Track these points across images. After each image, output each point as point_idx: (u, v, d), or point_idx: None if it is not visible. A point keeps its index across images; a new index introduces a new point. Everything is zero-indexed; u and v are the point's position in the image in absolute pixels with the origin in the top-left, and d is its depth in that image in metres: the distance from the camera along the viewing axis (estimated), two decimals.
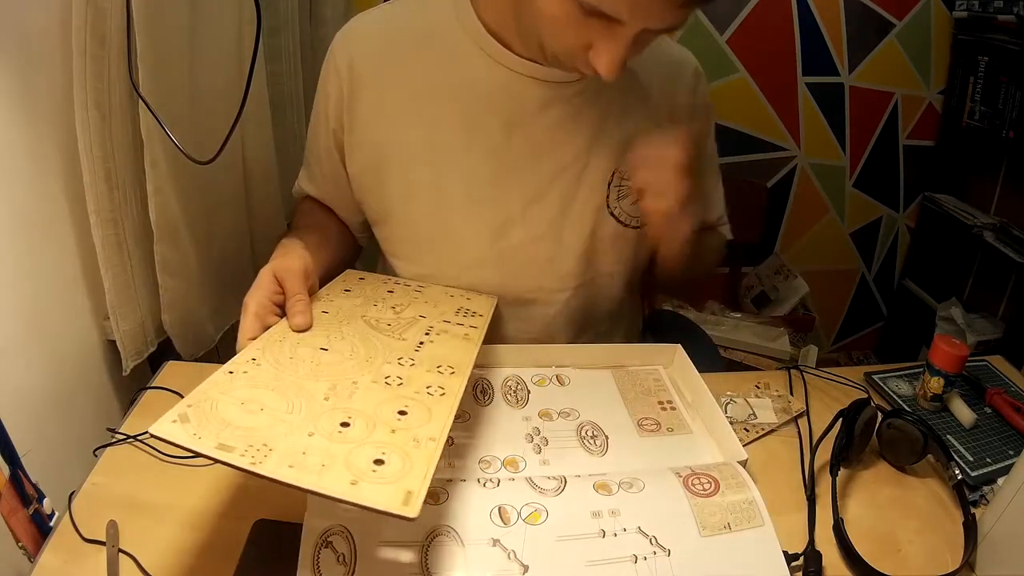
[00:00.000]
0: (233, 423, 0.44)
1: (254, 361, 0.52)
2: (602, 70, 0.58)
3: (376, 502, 0.39)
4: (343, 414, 0.47)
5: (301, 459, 0.42)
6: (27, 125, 0.67)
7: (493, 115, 0.71)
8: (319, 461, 0.42)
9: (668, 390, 0.76)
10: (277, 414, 0.46)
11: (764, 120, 1.86)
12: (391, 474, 0.42)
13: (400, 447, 0.44)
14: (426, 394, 0.52)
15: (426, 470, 0.42)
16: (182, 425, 0.43)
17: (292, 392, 0.49)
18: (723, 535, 0.52)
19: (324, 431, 0.45)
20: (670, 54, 0.78)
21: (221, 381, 0.49)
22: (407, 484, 0.41)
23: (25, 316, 0.68)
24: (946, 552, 0.59)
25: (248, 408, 0.46)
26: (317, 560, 0.47)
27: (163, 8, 0.77)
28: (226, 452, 0.41)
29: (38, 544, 0.56)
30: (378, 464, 0.42)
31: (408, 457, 0.43)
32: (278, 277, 0.60)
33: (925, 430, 0.65)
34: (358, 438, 0.45)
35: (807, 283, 1.92)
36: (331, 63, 0.74)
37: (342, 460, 0.42)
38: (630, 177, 0.67)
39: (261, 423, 0.45)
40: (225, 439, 0.42)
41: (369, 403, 0.49)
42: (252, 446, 0.42)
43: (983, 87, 1.74)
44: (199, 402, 0.46)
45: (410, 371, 0.55)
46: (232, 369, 0.50)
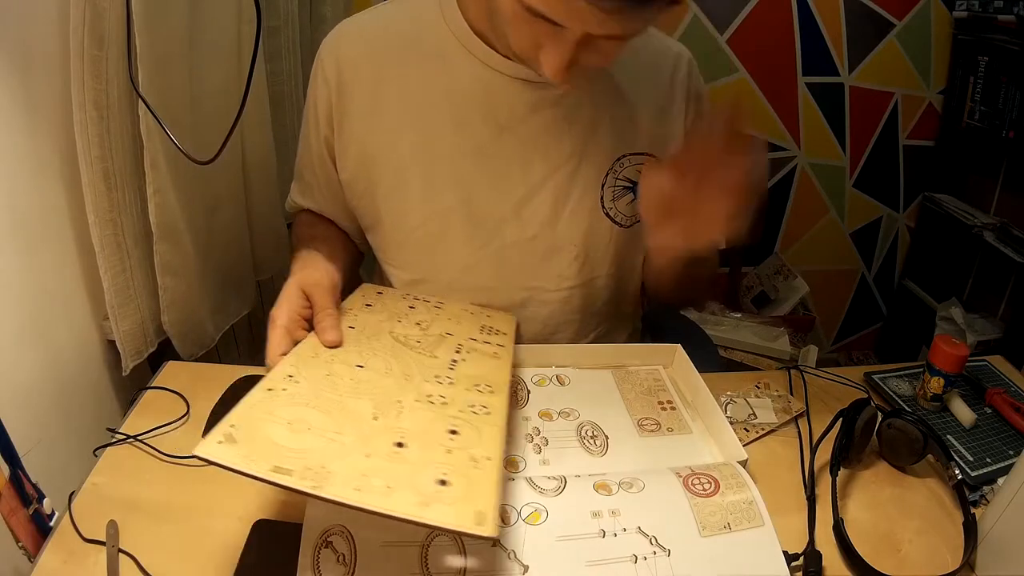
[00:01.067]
0: (284, 444, 0.43)
1: (291, 378, 0.51)
2: (547, 72, 0.57)
3: (450, 523, 0.40)
4: (396, 434, 0.47)
5: (365, 481, 0.42)
6: (26, 125, 0.67)
7: (482, 117, 0.71)
8: (383, 483, 0.42)
9: (668, 390, 0.76)
10: (327, 434, 0.46)
11: (764, 120, 1.86)
12: (458, 494, 0.42)
13: (460, 467, 0.45)
14: (471, 413, 0.52)
15: (492, 489, 0.43)
16: (229, 446, 0.42)
17: (336, 411, 0.49)
18: (723, 535, 0.52)
19: (381, 452, 0.45)
20: (659, 48, 0.77)
21: (262, 399, 0.48)
22: (476, 504, 0.41)
23: (25, 316, 0.68)
24: (946, 552, 0.59)
25: (295, 428, 0.46)
26: (317, 560, 0.47)
27: (163, 8, 0.77)
28: (284, 475, 0.41)
29: (38, 544, 0.56)
30: (442, 484, 0.43)
31: (469, 477, 0.44)
32: (305, 291, 0.60)
33: (925, 430, 0.65)
34: (416, 459, 0.45)
35: (807, 283, 1.92)
36: (319, 69, 0.74)
37: (406, 482, 0.42)
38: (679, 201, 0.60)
39: (313, 444, 0.44)
40: (280, 461, 0.42)
41: (418, 423, 0.49)
42: (310, 468, 0.41)
43: (983, 87, 1.74)
44: (243, 422, 0.45)
45: (450, 390, 0.55)
46: (271, 387, 0.49)
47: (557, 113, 0.72)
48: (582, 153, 0.73)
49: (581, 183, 0.74)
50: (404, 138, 0.72)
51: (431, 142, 0.72)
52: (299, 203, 0.84)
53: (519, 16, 0.55)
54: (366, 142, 0.74)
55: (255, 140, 1.09)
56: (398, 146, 0.73)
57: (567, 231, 0.76)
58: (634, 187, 0.76)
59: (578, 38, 0.54)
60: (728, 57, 1.77)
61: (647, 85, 0.75)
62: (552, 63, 0.56)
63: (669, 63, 0.77)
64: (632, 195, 0.77)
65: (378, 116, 0.73)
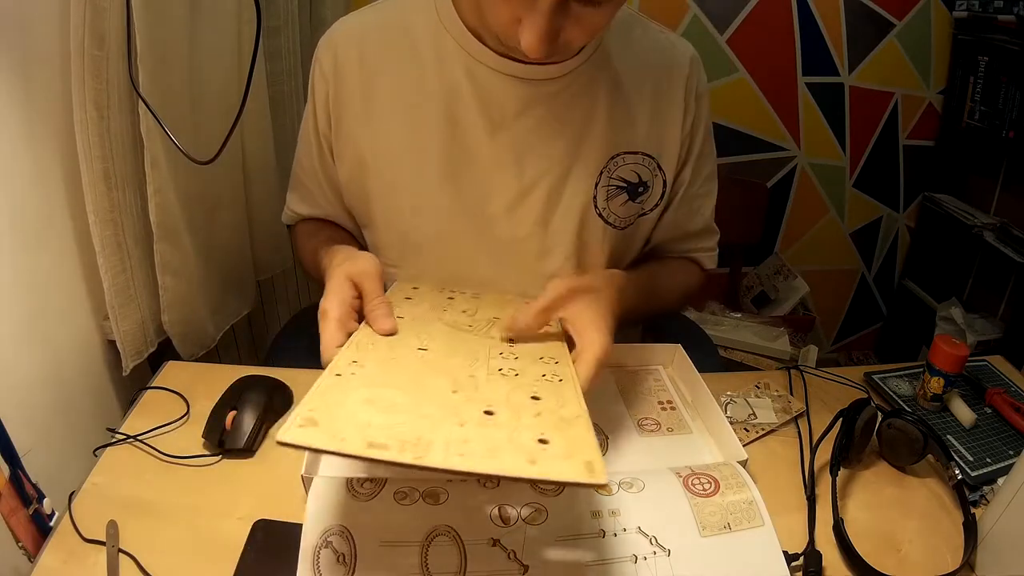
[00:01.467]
0: (371, 421, 0.42)
1: (356, 363, 0.49)
2: (526, 47, 0.56)
3: (564, 475, 0.39)
4: (482, 404, 0.46)
5: (466, 447, 0.41)
6: (26, 125, 0.67)
7: (475, 115, 0.70)
8: (485, 447, 0.41)
9: (668, 390, 0.76)
10: (412, 408, 0.44)
11: (764, 120, 1.86)
12: (561, 450, 0.41)
13: (554, 426, 0.44)
14: (545, 381, 0.51)
15: (592, 441, 0.42)
16: (313, 429, 0.40)
17: (413, 388, 0.47)
18: (723, 535, 0.52)
19: (472, 420, 0.44)
20: (663, 45, 0.76)
21: (333, 384, 0.46)
22: (583, 456, 0.41)
23: (25, 316, 0.68)
24: (946, 552, 0.59)
25: (378, 406, 0.44)
26: (317, 560, 0.47)
27: (163, 8, 0.77)
28: (381, 450, 0.39)
29: (38, 544, 0.56)
30: (543, 443, 0.42)
31: (566, 434, 0.43)
32: (354, 280, 0.58)
33: (925, 430, 0.65)
34: (508, 423, 0.44)
35: (807, 283, 1.91)
36: (317, 68, 0.74)
37: (506, 444, 0.42)
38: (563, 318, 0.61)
39: (401, 419, 0.43)
40: (373, 437, 0.40)
41: (499, 393, 0.48)
42: (407, 441, 0.40)
43: (983, 87, 1.74)
44: (320, 405, 0.43)
45: (518, 363, 0.54)
46: (338, 372, 0.48)
47: (551, 111, 0.71)
48: (575, 152, 0.73)
49: (573, 182, 0.74)
50: (397, 135, 0.72)
51: (424, 139, 0.72)
52: (298, 212, 0.84)
53: None
54: (360, 139, 0.74)
55: (255, 140, 1.09)
56: (392, 143, 0.73)
57: (559, 231, 0.75)
58: (628, 187, 0.76)
59: (552, 6, 0.53)
60: (728, 57, 1.77)
61: (647, 82, 0.74)
62: (529, 35, 0.55)
63: (671, 60, 0.75)
64: (626, 196, 0.76)
65: (372, 113, 0.72)
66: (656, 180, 0.77)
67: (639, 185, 0.76)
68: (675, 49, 0.76)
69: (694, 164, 0.79)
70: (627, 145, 0.74)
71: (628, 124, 0.74)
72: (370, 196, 0.76)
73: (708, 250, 0.88)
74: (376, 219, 0.78)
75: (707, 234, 0.87)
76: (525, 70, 0.68)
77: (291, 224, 0.88)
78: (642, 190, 0.77)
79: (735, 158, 1.87)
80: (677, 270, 0.87)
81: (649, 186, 0.77)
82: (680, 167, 0.79)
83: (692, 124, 0.77)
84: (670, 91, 0.75)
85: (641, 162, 0.75)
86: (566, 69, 0.70)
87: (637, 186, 0.76)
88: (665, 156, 0.77)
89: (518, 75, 0.69)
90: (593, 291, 0.62)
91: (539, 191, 0.73)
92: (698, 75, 0.77)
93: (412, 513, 0.50)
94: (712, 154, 0.83)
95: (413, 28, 0.71)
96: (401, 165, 0.73)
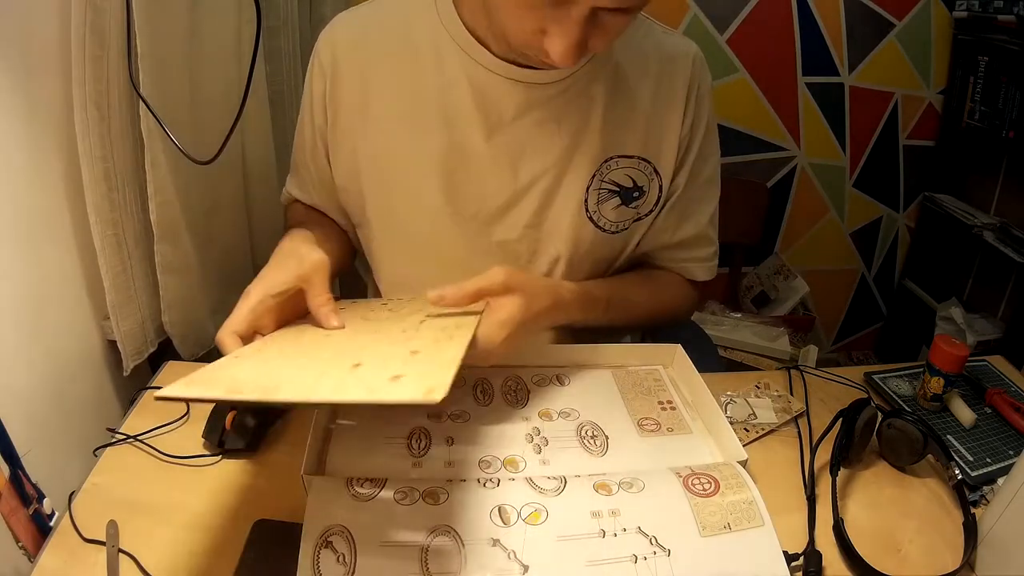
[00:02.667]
0: (238, 376, 0.45)
1: (257, 350, 0.53)
2: (556, 57, 0.56)
3: (397, 397, 0.39)
4: (354, 359, 0.47)
5: (315, 384, 0.43)
6: (27, 125, 0.67)
7: (472, 117, 0.70)
8: (333, 384, 0.42)
9: (668, 390, 0.76)
10: (285, 365, 0.48)
11: (764, 120, 1.86)
12: (411, 382, 0.41)
13: (417, 369, 0.44)
14: (433, 342, 0.52)
15: (449, 373, 0.41)
16: (188, 385, 0.43)
17: (301, 356, 0.51)
18: (723, 535, 0.52)
19: (336, 370, 0.45)
20: (666, 45, 0.74)
21: (227, 362, 0.50)
22: (427, 383, 0.40)
23: (25, 316, 0.68)
24: (946, 552, 0.59)
25: (252, 365, 0.48)
26: (317, 560, 0.47)
27: (163, 8, 0.77)
28: (236, 393, 0.42)
29: (38, 544, 0.56)
30: (395, 379, 0.42)
31: (425, 373, 0.43)
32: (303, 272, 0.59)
33: (925, 430, 0.65)
34: (372, 371, 0.45)
35: (807, 283, 1.92)
36: (315, 62, 0.74)
37: (357, 382, 0.43)
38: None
39: (267, 371, 0.46)
40: (233, 385, 0.43)
41: (377, 351, 0.50)
42: (262, 386, 0.43)
43: (983, 87, 1.74)
44: (204, 372, 0.46)
45: (417, 333, 0.55)
46: (238, 354, 0.51)
47: (548, 114, 0.70)
48: (571, 155, 0.72)
49: (567, 185, 0.73)
50: (394, 133, 0.72)
51: (421, 138, 0.71)
52: (294, 195, 0.84)
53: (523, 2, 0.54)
54: (357, 136, 0.73)
55: (255, 140, 1.09)
56: (388, 141, 0.72)
57: (551, 234, 0.75)
58: (621, 191, 0.75)
59: (585, 15, 0.54)
60: (728, 57, 1.77)
61: (647, 84, 0.73)
62: (559, 45, 0.55)
63: (673, 60, 0.74)
64: (619, 200, 0.75)
65: (369, 110, 0.72)
66: (652, 185, 0.76)
67: (633, 190, 0.75)
68: (678, 49, 0.75)
69: (690, 167, 0.77)
70: (622, 148, 0.74)
71: (625, 127, 0.73)
72: (365, 194, 0.76)
73: (700, 260, 0.83)
74: (371, 217, 0.78)
75: (700, 242, 0.82)
76: (524, 74, 0.68)
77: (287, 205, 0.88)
78: (637, 195, 0.76)
79: (735, 158, 1.87)
80: (659, 286, 0.84)
81: (645, 191, 0.76)
82: (676, 170, 0.77)
83: (691, 125, 0.75)
84: (670, 92, 0.74)
85: (636, 166, 0.74)
86: (564, 73, 0.69)
87: (631, 190, 0.75)
88: (662, 160, 0.75)
89: (517, 78, 0.68)
90: (526, 295, 0.62)
91: (533, 193, 0.73)
92: (701, 75, 0.75)
93: (412, 513, 0.50)
94: (713, 157, 0.80)
95: (413, 27, 0.71)
96: (397, 163, 0.73)
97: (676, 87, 0.74)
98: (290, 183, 0.85)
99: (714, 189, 0.82)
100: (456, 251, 0.76)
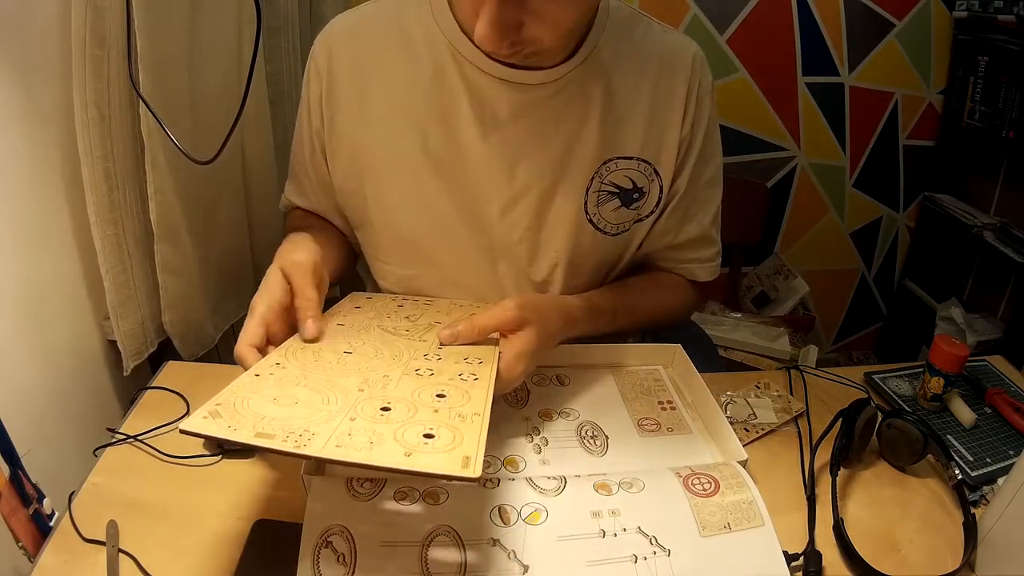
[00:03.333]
0: (269, 415, 0.44)
1: (279, 365, 0.52)
2: (477, 37, 0.56)
3: (434, 468, 0.40)
4: (382, 401, 0.48)
5: (347, 439, 0.42)
6: (27, 125, 0.67)
7: (468, 119, 0.70)
8: (367, 439, 0.42)
9: (668, 390, 0.76)
10: (314, 405, 0.46)
11: (764, 120, 1.86)
12: (444, 445, 0.42)
13: (447, 423, 0.45)
14: (459, 380, 0.53)
15: (478, 438, 0.43)
16: (214, 420, 0.42)
17: (324, 387, 0.49)
18: (723, 535, 0.52)
19: (366, 415, 0.45)
20: (666, 44, 0.74)
21: (248, 383, 0.48)
22: (463, 451, 0.41)
23: (25, 316, 0.68)
24: (946, 552, 0.59)
25: (282, 403, 0.46)
26: (317, 560, 0.47)
27: (163, 8, 0.77)
28: (266, 439, 0.41)
29: (38, 544, 0.56)
30: (428, 438, 0.43)
31: (457, 430, 0.44)
32: (286, 273, 0.58)
33: (925, 430, 0.65)
34: (402, 419, 0.45)
35: (807, 283, 1.92)
36: (311, 64, 0.74)
37: (391, 437, 0.43)
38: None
39: (298, 413, 0.45)
40: (263, 428, 0.42)
41: (405, 391, 0.50)
42: (293, 432, 0.42)
43: (983, 87, 1.74)
44: (228, 400, 0.45)
45: (438, 364, 0.56)
46: (258, 372, 0.50)
47: (543, 116, 0.70)
48: (568, 157, 0.72)
49: (565, 188, 0.73)
50: (392, 133, 0.72)
51: (418, 138, 0.71)
52: (293, 201, 0.84)
53: None
54: (355, 137, 0.73)
55: (255, 140, 1.09)
56: (385, 144, 0.72)
57: (550, 236, 0.75)
58: (621, 193, 0.74)
59: None
60: (728, 57, 1.77)
61: (646, 84, 0.72)
62: (481, 25, 0.55)
63: (673, 60, 0.73)
64: (619, 201, 0.75)
65: (366, 110, 0.72)
66: (652, 186, 0.76)
67: (633, 191, 0.75)
68: (678, 48, 0.74)
69: (692, 168, 0.77)
70: (621, 150, 0.73)
71: (623, 128, 0.72)
72: (364, 195, 0.75)
73: (702, 261, 0.83)
74: (370, 219, 0.77)
75: (703, 243, 0.82)
76: (515, 74, 0.68)
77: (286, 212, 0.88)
78: (637, 196, 0.75)
79: (735, 158, 1.87)
80: (662, 290, 0.84)
81: (645, 192, 0.76)
82: (677, 171, 0.76)
83: (692, 126, 0.75)
84: (670, 92, 0.73)
85: (636, 167, 0.74)
86: (557, 74, 0.69)
87: (631, 192, 0.75)
88: (662, 161, 0.75)
89: (507, 78, 0.68)
90: (539, 323, 0.63)
91: (531, 195, 0.72)
92: (701, 74, 0.75)
93: (412, 513, 0.50)
94: (715, 158, 0.80)
95: (408, 26, 0.70)
96: (395, 164, 0.72)
97: (676, 87, 0.73)
98: (288, 189, 0.85)
99: (716, 190, 0.81)
100: (456, 252, 0.75)
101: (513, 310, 0.62)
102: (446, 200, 0.73)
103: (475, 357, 0.58)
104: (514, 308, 0.62)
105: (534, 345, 0.61)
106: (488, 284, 0.77)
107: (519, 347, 0.61)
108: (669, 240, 0.81)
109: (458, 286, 0.78)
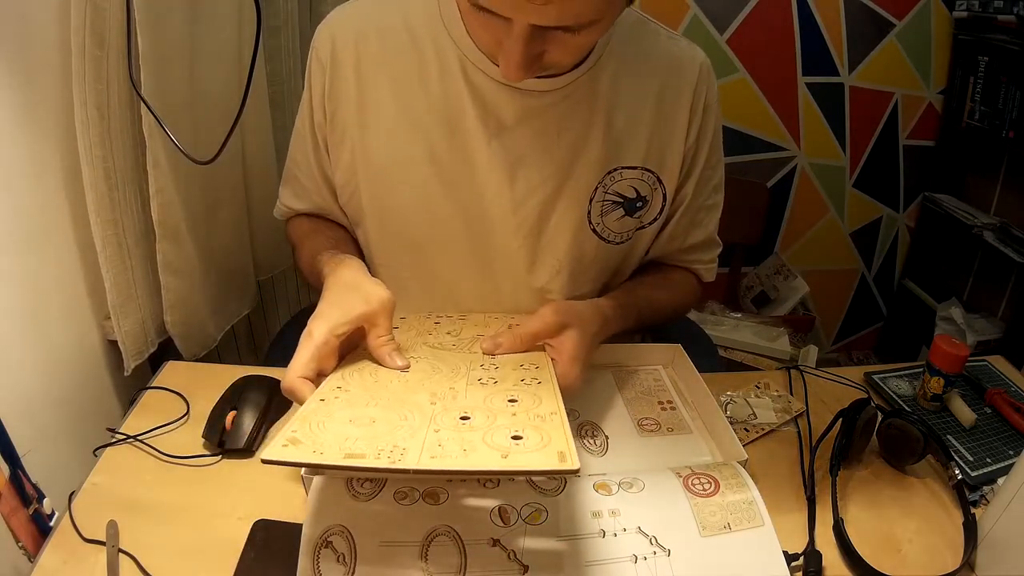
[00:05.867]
0: (351, 435, 0.44)
1: (340, 388, 0.52)
2: (503, 72, 0.56)
3: (535, 465, 0.41)
4: (458, 411, 0.48)
5: (439, 450, 0.42)
6: (27, 125, 0.67)
7: (472, 124, 0.69)
8: (459, 447, 0.43)
9: (668, 390, 0.76)
10: (392, 422, 0.46)
11: (764, 120, 1.86)
12: (534, 445, 0.43)
13: (529, 424, 0.46)
14: (524, 385, 0.54)
15: (564, 434, 0.44)
16: (295, 447, 0.42)
17: (395, 405, 0.49)
18: (723, 535, 0.52)
19: (448, 426, 0.46)
20: (673, 53, 0.73)
21: (316, 408, 0.48)
22: (555, 447, 0.42)
23: (26, 316, 0.68)
24: (946, 552, 0.59)
25: (359, 424, 0.46)
26: (317, 560, 0.47)
27: (164, 8, 0.77)
28: (358, 459, 0.41)
29: (38, 544, 0.56)
30: (517, 439, 0.44)
31: (541, 430, 0.45)
32: (366, 315, 0.56)
33: (925, 430, 0.65)
34: (484, 426, 0.46)
35: (807, 283, 1.92)
36: (313, 56, 0.73)
37: (481, 442, 0.43)
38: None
39: (380, 431, 0.45)
40: (350, 449, 0.42)
41: (476, 400, 0.51)
42: (383, 449, 0.42)
43: (983, 87, 1.74)
44: (304, 426, 0.45)
45: (498, 372, 0.57)
46: (323, 398, 0.50)
47: (547, 123, 0.69)
48: (571, 166, 0.71)
49: (567, 196, 0.72)
50: (395, 137, 0.71)
51: (421, 139, 0.70)
52: (292, 207, 0.82)
53: (470, 13, 0.54)
54: (356, 134, 0.72)
55: (255, 140, 1.09)
56: (388, 144, 0.71)
57: (551, 244, 0.74)
58: (625, 202, 0.74)
59: (526, 31, 0.52)
60: (728, 57, 1.77)
61: (652, 93, 0.72)
62: (507, 60, 0.55)
63: (679, 69, 0.73)
64: (622, 211, 0.74)
65: (366, 107, 0.71)
66: (656, 194, 0.76)
67: (637, 200, 0.75)
68: (684, 57, 0.73)
69: (698, 177, 0.77)
70: (625, 159, 0.72)
71: (628, 137, 0.72)
72: (364, 193, 0.75)
73: (708, 262, 0.85)
74: (370, 218, 0.76)
75: (709, 246, 0.84)
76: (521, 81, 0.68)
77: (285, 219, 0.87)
78: (640, 205, 0.75)
79: (735, 158, 1.87)
80: (674, 286, 0.84)
81: (648, 200, 0.75)
82: (683, 180, 0.76)
83: (698, 135, 0.74)
84: (676, 102, 0.73)
85: (640, 177, 0.74)
86: (563, 82, 0.68)
87: (635, 201, 0.75)
88: (666, 170, 0.75)
89: (515, 85, 0.67)
90: (580, 325, 0.63)
91: (532, 203, 0.72)
92: (707, 84, 0.74)
93: (412, 513, 0.50)
94: (719, 165, 0.80)
95: (413, 23, 0.69)
96: (398, 165, 0.72)
97: (681, 96, 0.73)
98: (285, 195, 0.83)
99: (721, 196, 0.82)
100: (456, 255, 0.75)
101: (551, 315, 0.62)
102: (447, 203, 0.72)
103: (530, 363, 0.59)
104: (552, 314, 0.62)
105: (583, 348, 0.62)
106: (484, 288, 0.77)
107: (570, 351, 0.61)
108: (677, 245, 0.82)
109: (452, 288, 0.77)
